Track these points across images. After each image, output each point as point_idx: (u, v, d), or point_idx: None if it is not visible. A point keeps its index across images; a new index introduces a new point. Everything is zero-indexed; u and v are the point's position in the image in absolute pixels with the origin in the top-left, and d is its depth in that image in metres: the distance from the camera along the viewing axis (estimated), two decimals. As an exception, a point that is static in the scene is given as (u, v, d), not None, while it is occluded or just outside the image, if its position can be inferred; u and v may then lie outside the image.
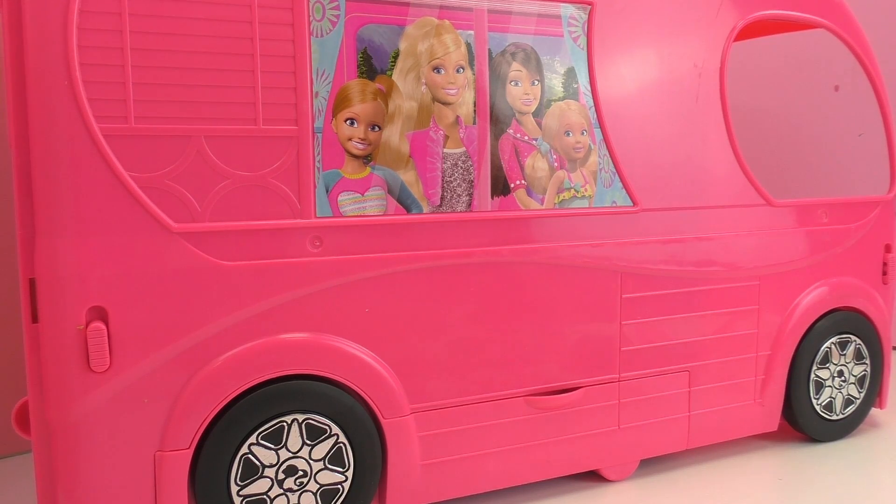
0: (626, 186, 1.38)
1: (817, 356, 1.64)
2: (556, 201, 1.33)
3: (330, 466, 1.19)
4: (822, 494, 1.42)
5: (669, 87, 1.44)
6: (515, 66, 1.28)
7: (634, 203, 1.39)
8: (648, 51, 1.42)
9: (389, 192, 1.20)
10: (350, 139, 1.17)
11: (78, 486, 1.06)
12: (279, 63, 1.11)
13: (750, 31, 1.65)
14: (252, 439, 1.13)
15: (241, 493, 1.14)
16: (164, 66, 1.05)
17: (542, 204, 1.32)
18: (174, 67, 1.05)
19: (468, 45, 1.24)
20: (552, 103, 1.32)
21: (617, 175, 1.38)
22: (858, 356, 1.69)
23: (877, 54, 1.69)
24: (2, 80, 1.07)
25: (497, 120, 1.27)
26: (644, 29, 1.41)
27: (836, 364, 1.66)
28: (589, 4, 1.34)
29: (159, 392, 1.08)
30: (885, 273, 1.71)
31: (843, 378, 1.68)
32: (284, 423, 1.15)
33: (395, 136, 1.20)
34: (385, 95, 1.19)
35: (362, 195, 1.18)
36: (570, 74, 1.34)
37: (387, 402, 1.22)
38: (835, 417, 1.68)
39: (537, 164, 1.31)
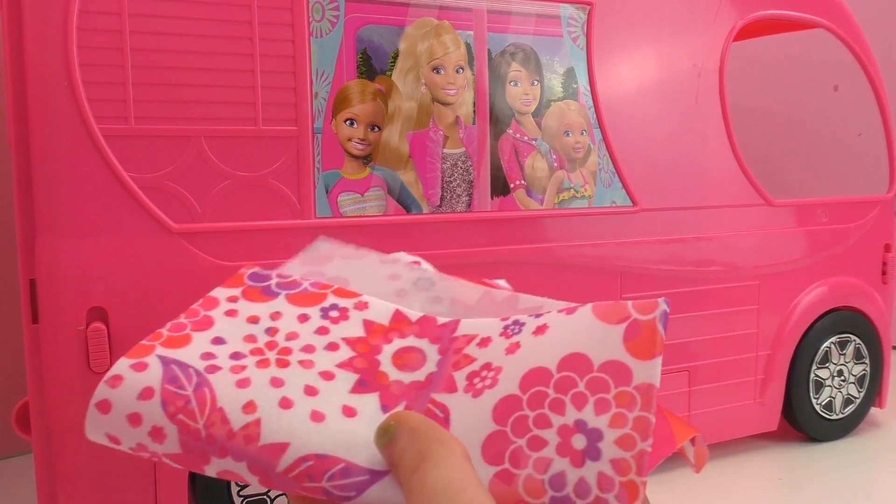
0: (625, 186, 1.38)
1: (817, 356, 1.63)
2: (555, 201, 1.33)
3: (330, 466, 1.19)
4: (822, 494, 1.42)
5: (669, 88, 1.44)
6: (515, 66, 1.28)
7: (634, 203, 1.39)
8: (648, 51, 1.42)
9: (389, 192, 1.20)
10: (350, 139, 1.17)
11: (78, 486, 1.06)
12: (279, 63, 1.11)
13: (750, 31, 1.65)
14: (252, 439, 1.13)
15: (241, 493, 1.14)
16: (164, 66, 1.05)
17: (541, 204, 1.32)
18: (174, 68, 1.05)
19: (468, 46, 1.24)
20: (552, 103, 1.32)
21: (616, 175, 1.38)
22: (858, 356, 1.69)
23: (877, 54, 1.69)
24: (2, 81, 1.07)
25: (497, 120, 1.27)
26: (643, 29, 1.41)
27: (835, 364, 1.66)
28: (588, 4, 1.34)
29: (159, 392, 1.08)
30: (884, 273, 1.71)
31: (842, 378, 1.68)
32: (284, 423, 1.15)
33: (394, 136, 1.20)
34: (385, 96, 1.19)
35: (362, 195, 1.18)
36: (570, 74, 1.34)
37: (387, 402, 1.22)
38: (834, 417, 1.68)
39: (537, 165, 1.31)
